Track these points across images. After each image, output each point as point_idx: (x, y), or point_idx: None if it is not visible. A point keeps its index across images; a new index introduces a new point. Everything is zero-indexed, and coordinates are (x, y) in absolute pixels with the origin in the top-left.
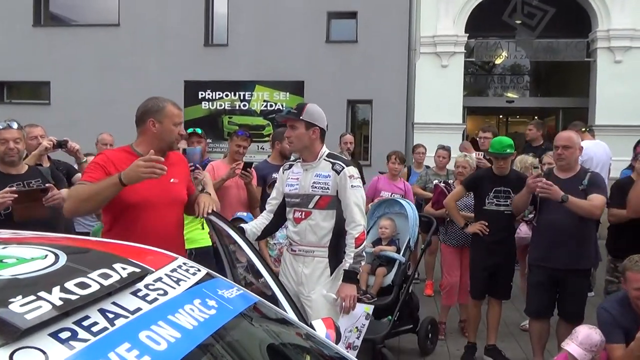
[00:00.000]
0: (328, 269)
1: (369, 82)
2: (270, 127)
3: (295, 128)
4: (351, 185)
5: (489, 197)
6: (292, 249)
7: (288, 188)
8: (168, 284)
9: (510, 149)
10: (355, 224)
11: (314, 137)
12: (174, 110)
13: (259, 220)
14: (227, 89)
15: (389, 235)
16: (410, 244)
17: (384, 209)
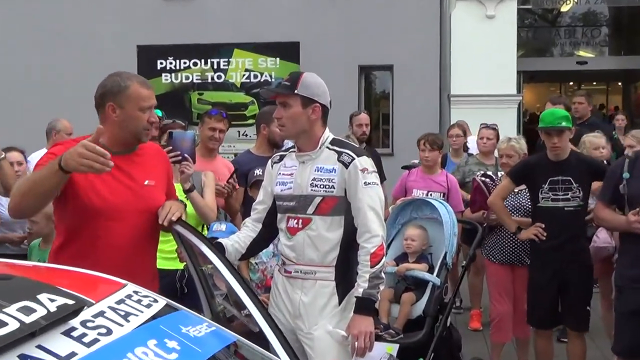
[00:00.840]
0: (335, 297)
1: (389, 42)
2: (254, 105)
3: (287, 106)
4: (364, 182)
5: (542, 191)
6: (285, 270)
7: (279, 188)
8: (113, 319)
9: (567, 121)
10: (371, 234)
11: (313, 117)
12: (140, 90)
13: (243, 233)
14: (196, 56)
15: (418, 249)
16: (447, 260)
17: (411, 212)
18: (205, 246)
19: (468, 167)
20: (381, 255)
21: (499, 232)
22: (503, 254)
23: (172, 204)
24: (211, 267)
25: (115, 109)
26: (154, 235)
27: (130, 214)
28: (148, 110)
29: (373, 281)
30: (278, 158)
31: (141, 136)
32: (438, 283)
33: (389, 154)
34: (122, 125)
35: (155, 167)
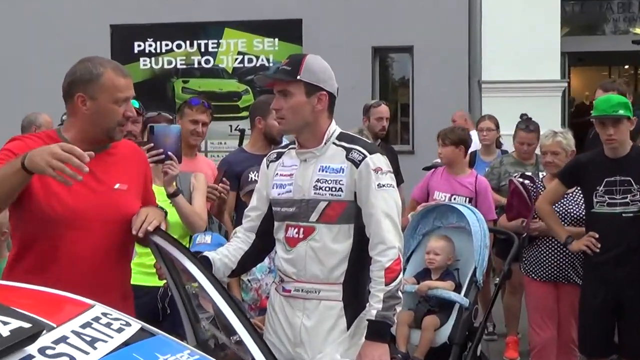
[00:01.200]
0: (343, 320)
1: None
2: (249, 94)
3: (288, 95)
4: (378, 184)
5: (597, 194)
6: (284, 289)
7: (276, 191)
8: (77, 346)
9: (625, 109)
10: (386, 245)
11: (319, 107)
12: (115, 79)
13: (233, 245)
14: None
15: (443, 264)
16: (477, 276)
17: (434, 220)
18: (188, 261)
19: (504, 168)
20: (398, 271)
21: (541, 243)
22: (546, 269)
23: (148, 211)
24: (196, 286)
25: (86, 101)
26: (125, 247)
27: (97, 222)
28: (124, 103)
29: (388, 301)
30: (275, 156)
31: (114, 133)
32: (466, 304)
33: (409, 151)
34: (93, 119)
35: (129, 168)
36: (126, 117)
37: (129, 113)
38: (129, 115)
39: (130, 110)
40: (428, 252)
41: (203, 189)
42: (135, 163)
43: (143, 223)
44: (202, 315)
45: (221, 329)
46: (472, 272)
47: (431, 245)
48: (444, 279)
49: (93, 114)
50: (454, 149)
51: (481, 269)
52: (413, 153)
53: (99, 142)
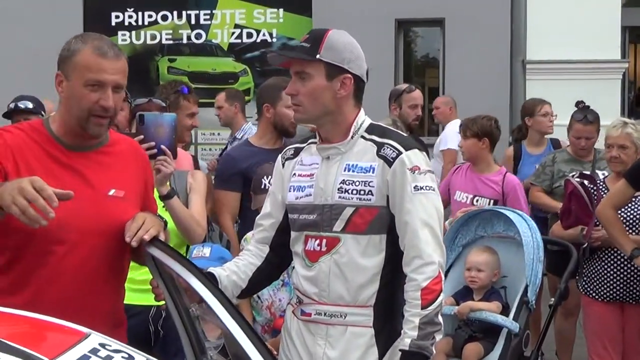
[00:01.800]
0: (374, 350)
1: None
2: (248, 75)
3: (306, 77)
4: (415, 187)
5: None
6: (303, 312)
7: (294, 194)
8: None
9: None
10: (423, 260)
11: (342, 93)
12: (91, 57)
13: (242, 260)
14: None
15: (487, 282)
16: (529, 296)
17: (476, 229)
18: (193, 277)
19: (557, 167)
20: (437, 291)
21: (604, 256)
22: (609, 287)
23: (146, 217)
24: (199, 307)
25: (62, 81)
26: (119, 264)
27: (86, 234)
28: (100, 89)
29: (425, 328)
30: (292, 153)
31: (86, 125)
32: (516, 329)
33: None
34: (67, 105)
35: (127, 171)
36: (101, 106)
37: (103, 102)
38: (103, 105)
39: (105, 99)
40: (469, 269)
41: (202, 190)
42: (135, 165)
43: (139, 230)
44: (209, 344)
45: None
46: (522, 291)
47: (472, 259)
48: (489, 299)
49: (67, 99)
50: (477, 142)
51: (534, 288)
52: None
53: (82, 137)
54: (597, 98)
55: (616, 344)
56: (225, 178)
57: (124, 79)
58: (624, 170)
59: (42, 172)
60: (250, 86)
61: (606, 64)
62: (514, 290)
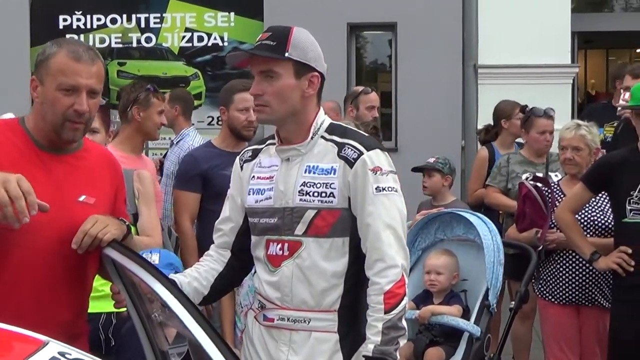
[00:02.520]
0: (339, 355)
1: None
2: (199, 79)
3: (275, 76)
4: (377, 188)
5: (631, 200)
6: (265, 317)
7: (254, 197)
8: None
9: None
10: (386, 264)
11: (309, 92)
12: (65, 61)
13: (203, 265)
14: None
15: (446, 285)
16: (490, 299)
17: (436, 232)
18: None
19: (511, 168)
20: (401, 295)
21: (559, 258)
22: (565, 290)
23: (97, 219)
24: (161, 313)
25: (37, 86)
26: (83, 273)
27: (50, 239)
28: (74, 93)
29: (389, 333)
30: (250, 154)
31: (61, 130)
32: (477, 333)
33: (391, 149)
34: (41, 109)
35: (100, 179)
36: (75, 111)
37: (77, 107)
38: (77, 110)
39: (79, 104)
40: (428, 272)
41: (151, 196)
42: (107, 174)
43: (86, 234)
44: (173, 349)
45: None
46: (483, 295)
47: (431, 262)
48: (449, 303)
49: (41, 103)
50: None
51: (495, 291)
52: (397, 151)
53: (55, 141)
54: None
55: (573, 346)
56: (185, 179)
57: (99, 84)
58: (578, 172)
59: (14, 170)
60: (201, 90)
61: (557, 68)
62: (474, 294)
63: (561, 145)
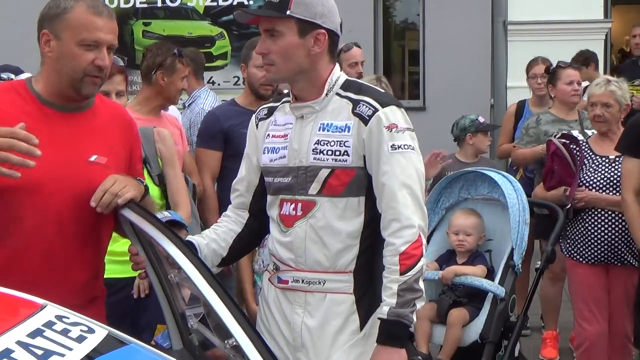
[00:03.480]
0: (355, 317)
1: None
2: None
3: (277, 35)
4: (392, 146)
5: None
6: (280, 280)
7: (268, 156)
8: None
9: None
10: (401, 224)
11: (316, 50)
12: (86, 15)
13: (221, 227)
14: None
15: (473, 246)
16: (515, 259)
17: (460, 191)
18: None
19: (542, 128)
20: (417, 256)
21: (587, 217)
22: (594, 249)
23: (116, 179)
24: (177, 273)
25: (50, 40)
26: (98, 233)
27: (62, 201)
28: (95, 48)
29: (405, 295)
30: (265, 112)
31: (80, 85)
32: (502, 294)
33: (419, 108)
34: (57, 65)
35: (112, 137)
36: (96, 66)
37: (99, 62)
38: (99, 65)
39: (101, 58)
40: (456, 233)
41: (173, 155)
42: (120, 132)
43: (105, 194)
44: (189, 310)
45: (213, 330)
46: (507, 255)
47: (459, 223)
48: (473, 263)
49: (57, 59)
50: None
51: (520, 251)
52: (425, 109)
53: (71, 99)
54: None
55: (602, 307)
56: (207, 137)
57: (116, 40)
58: (608, 129)
59: None
60: (227, 50)
61: (588, 24)
62: (498, 254)
63: (591, 101)
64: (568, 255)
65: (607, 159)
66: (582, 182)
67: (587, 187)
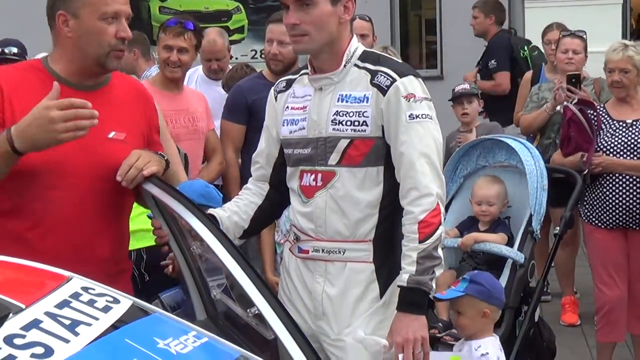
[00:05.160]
0: (375, 285)
1: None
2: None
3: (311, 4)
4: (410, 115)
5: None
6: (300, 249)
7: (288, 128)
8: (54, 332)
9: None
10: (420, 192)
11: (346, 17)
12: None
13: (242, 199)
14: None
15: (495, 216)
16: (534, 225)
17: (477, 158)
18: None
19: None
20: (435, 224)
21: (605, 182)
22: (612, 213)
23: (141, 154)
24: (200, 245)
25: (68, 21)
26: (121, 209)
27: (85, 178)
28: (115, 21)
29: (424, 263)
30: (284, 85)
31: (106, 60)
32: (521, 260)
33: (437, 77)
34: (79, 44)
35: (129, 112)
36: (120, 38)
37: (122, 33)
38: (122, 37)
39: (124, 30)
40: (479, 203)
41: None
42: (137, 106)
43: (131, 168)
44: (212, 280)
45: (235, 300)
46: (526, 221)
47: (482, 193)
48: (495, 231)
49: (78, 37)
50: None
51: (538, 217)
52: (442, 79)
53: (94, 76)
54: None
55: (621, 271)
56: (232, 110)
57: (130, 8)
58: (627, 95)
59: None
60: (244, 24)
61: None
62: (518, 220)
63: (608, 67)
64: (587, 221)
65: (624, 124)
66: (599, 148)
67: (605, 152)
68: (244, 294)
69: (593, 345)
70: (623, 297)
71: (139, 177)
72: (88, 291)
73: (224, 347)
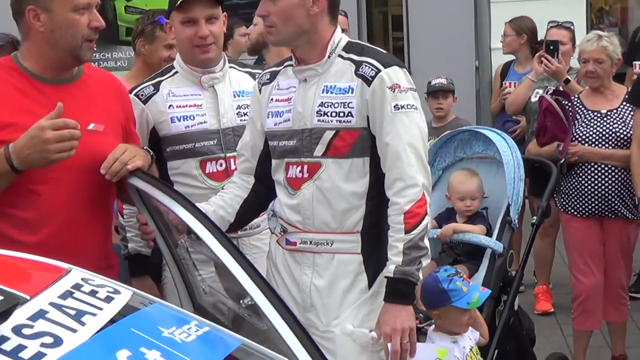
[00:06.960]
0: (363, 276)
1: None
2: None
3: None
4: (395, 106)
5: None
6: (288, 241)
7: (272, 120)
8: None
9: None
10: (405, 183)
11: (315, 10)
12: None
13: (228, 193)
14: None
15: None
16: (512, 215)
17: (455, 150)
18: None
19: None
20: (421, 215)
21: (581, 172)
22: (588, 202)
23: (127, 148)
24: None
25: (39, 15)
26: (105, 201)
27: (69, 171)
28: (87, 11)
29: (410, 253)
30: (268, 77)
31: (80, 52)
32: (500, 249)
33: None
34: (52, 38)
35: (105, 104)
36: (92, 28)
37: (95, 23)
38: (95, 26)
39: (96, 19)
40: (462, 198)
41: None
42: (113, 97)
43: (115, 162)
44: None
45: (227, 291)
46: (504, 211)
47: (464, 188)
48: (474, 223)
49: (51, 31)
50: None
51: (516, 207)
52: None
53: (67, 69)
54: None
55: (597, 260)
56: None
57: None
58: (600, 85)
59: (16, 110)
60: None
61: None
62: (496, 211)
63: (583, 58)
64: (562, 210)
65: (598, 114)
66: (574, 137)
67: (580, 141)
68: (237, 284)
69: (568, 334)
70: (599, 285)
71: (123, 171)
72: (88, 282)
73: (226, 336)
